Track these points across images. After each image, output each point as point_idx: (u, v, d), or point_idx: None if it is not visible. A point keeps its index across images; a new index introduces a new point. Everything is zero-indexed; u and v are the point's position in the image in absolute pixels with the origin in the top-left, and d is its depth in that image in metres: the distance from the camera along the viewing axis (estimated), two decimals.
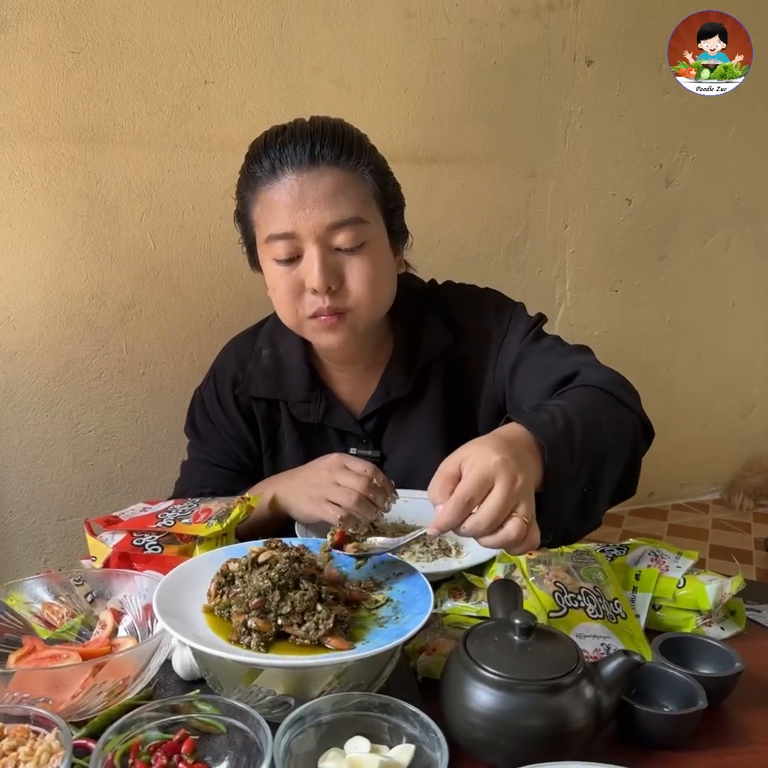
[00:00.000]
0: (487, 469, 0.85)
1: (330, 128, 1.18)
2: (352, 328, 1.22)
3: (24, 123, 1.62)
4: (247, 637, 0.81)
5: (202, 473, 1.41)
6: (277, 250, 1.18)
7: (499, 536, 0.85)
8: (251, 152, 1.22)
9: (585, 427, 1.01)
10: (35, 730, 0.74)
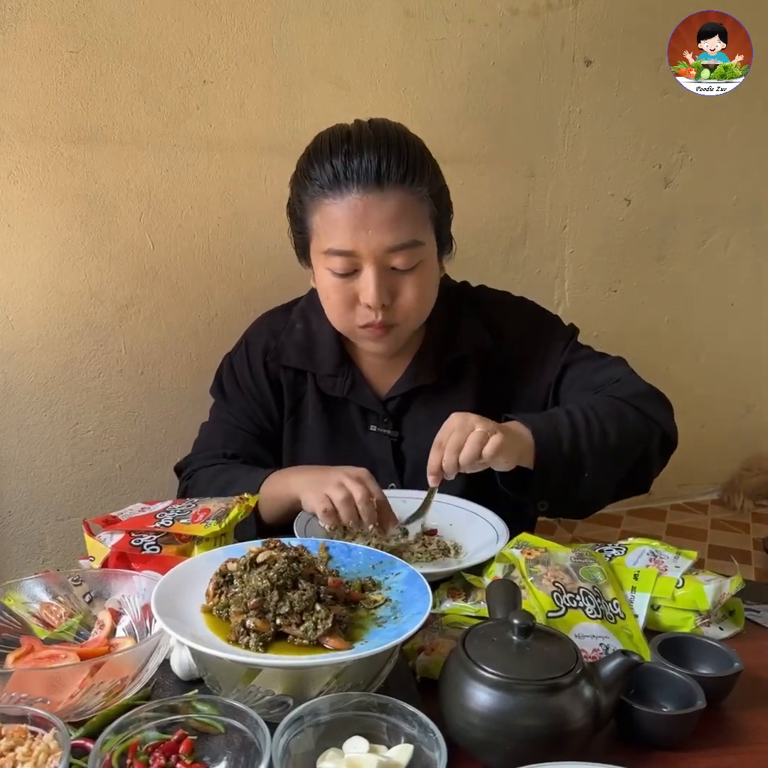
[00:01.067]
0: (449, 421, 1.15)
1: (395, 143, 1.21)
2: (398, 339, 1.31)
3: (22, 123, 1.61)
4: (245, 637, 0.81)
5: (225, 433, 1.44)
6: (334, 263, 1.22)
7: (465, 450, 1.10)
8: (314, 156, 1.23)
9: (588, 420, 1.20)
10: (33, 731, 0.74)
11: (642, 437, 1.25)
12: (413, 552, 1.22)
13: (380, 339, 1.28)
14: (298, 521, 1.24)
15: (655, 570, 1.07)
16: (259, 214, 1.82)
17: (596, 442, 1.20)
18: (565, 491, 1.22)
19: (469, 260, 2.11)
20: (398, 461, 1.41)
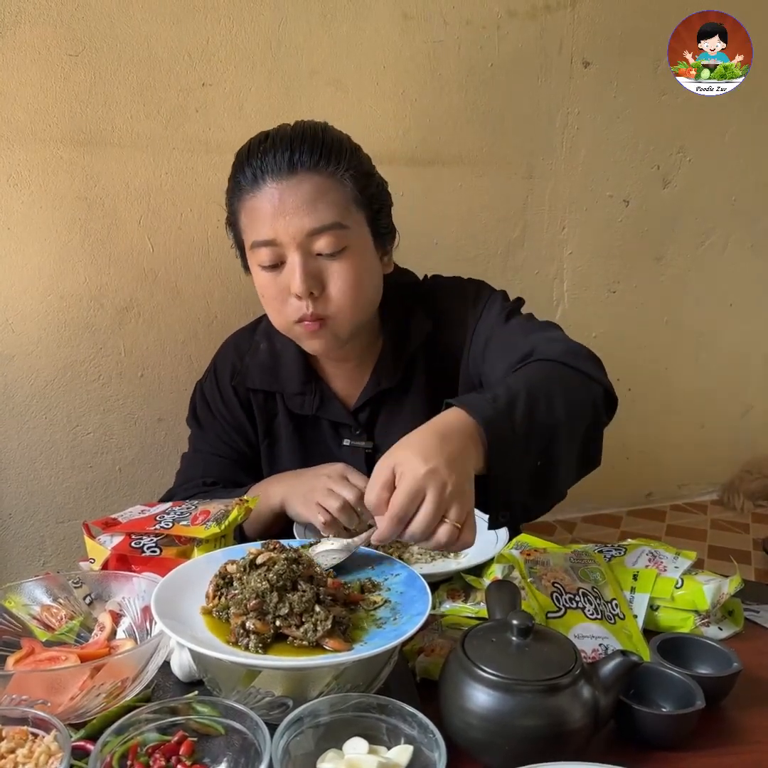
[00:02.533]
0: (416, 482, 0.88)
1: (310, 134, 1.20)
2: (335, 334, 1.25)
3: (22, 126, 1.62)
4: (245, 639, 0.81)
5: (204, 462, 1.44)
6: (261, 256, 1.21)
7: (432, 542, 0.90)
8: (236, 161, 1.25)
9: (530, 401, 1.01)
10: (34, 732, 0.74)
11: (587, 397, 1.12)
12: (413, 553, 1.22)
13: (315, 335, 1.24)
14: (297, 523, 1.24)
15: (654, 570, 1.07)
16: None
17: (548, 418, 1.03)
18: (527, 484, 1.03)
19: (468, 261, 2.12)
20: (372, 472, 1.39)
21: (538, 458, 1.01)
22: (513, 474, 0.99)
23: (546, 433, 1.02)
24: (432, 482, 0.88)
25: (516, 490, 1.01)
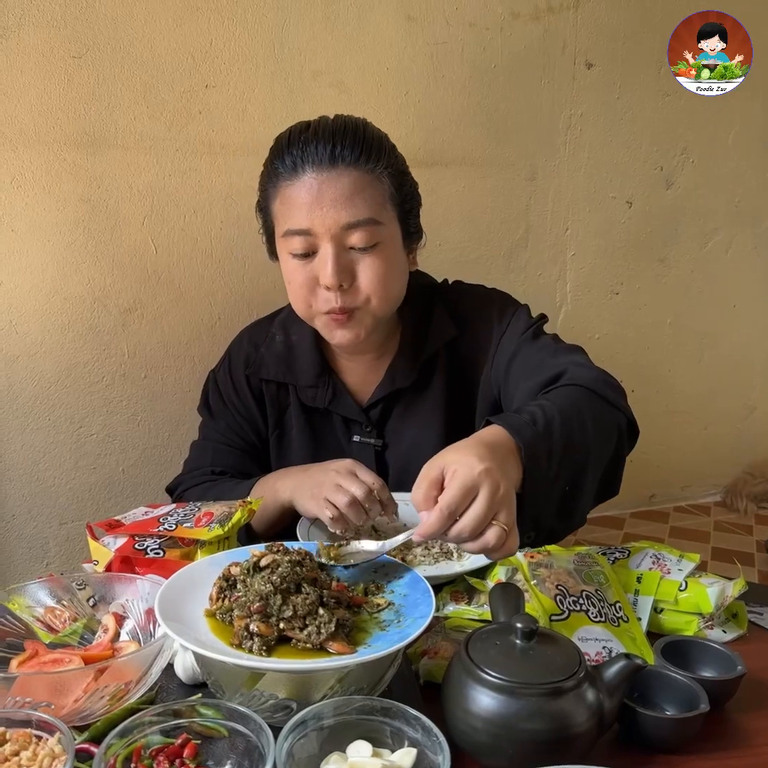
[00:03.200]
0: (471, 479, 0.87)
1: (352, 129, 1.22)
2: (362, 325, 1.27)
3: (26, 128, 1.62)
4: (249, 641, 0.81)
5: (213, 451, 1.45)
6: (293, 244, 1.23)
7: (479, 543, 0.88)
8: (275, 148, 1.26)
9: (565, 427, 1.03)
10: (38, 735, 0.74)
11: (613, 426, 1.15)
12: (416, 555, 1.22)
13: (343, 326, 1.26)
14: (301, 525, 1.24)
15: (658, 573, 1.07)
16: None
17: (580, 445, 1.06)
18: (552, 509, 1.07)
19: (471, 263, 2.12)
20: (382, 470, 1.40)
21: (568, 482, 1.04)
22: (543, 496, 1.00)
23: (577, 459, 1.05)
24: (486, 481, 0.87)
25: (545, 512, 1.02)
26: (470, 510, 0.87)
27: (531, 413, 1.03)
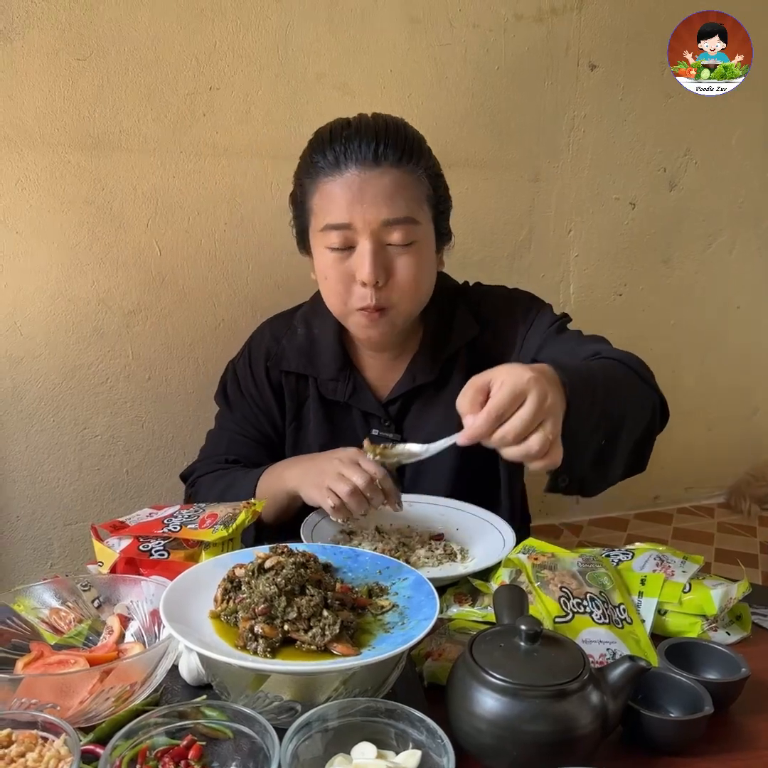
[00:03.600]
0: (521, 384, 0.88)
1: (393, 129, 1.26)
2: (392, 324, 1.30)
3: (30, 130, 1.63)
4: (253, 643, 0.81)
5: (228, 440, 1.46)
6: (331, 238, 1.25)
7: (522, 447, 0.88)
8: (316, 142, 1.28)
9: (606, 383, 1.07)
10: (43, 736, 0.74)
11: (648, 399, 1.19)
12: (419, 557, 1.22)
13: (375, 323, 1.28)
14: (305, 527, 1.24)
15: (662, 575, 1.07)
16: (265, 219, 1.83)
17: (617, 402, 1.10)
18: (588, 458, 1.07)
19: (475, 264, 2.12)
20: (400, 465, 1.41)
21: (604, 435, 1.06)
22: (582, 439, 0.99)
23: (614, 416, 1.07)
24: (536, 387, 0.88)
25: (580, 456, 1.01)
26: (517, 413, 0.87)
27: (575, 365, 1.10)
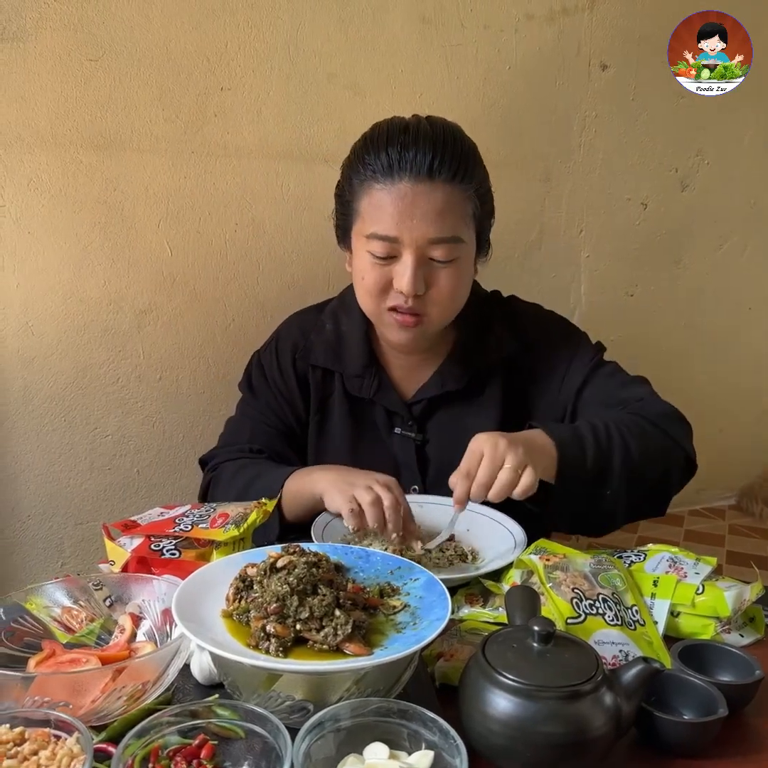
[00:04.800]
0: (476, 445, 1.11)
1: (451, 141, 1.24)
2: (424, 332, 1.31)
3: (42, 130, 1.63)
4: (265, 642, 0.81)
5: (251, 428, 1.46)
6: (375, 247, 1.25)
7: (495, 487, 1.08)
8: (371, 142, 1.26)
9: (608, 441, 1.18)
10: (56, 734, 0.74)
11: (664, 457, 1.25)
12: (431, 558, 1.22)
13: (406, 328, 1.29)
14: (315, 526, 1.24)
15: (674, 576, 1.06)
16: (276, 220, 1.83)
17: (619, 458, 1.19)
18: (584, 508, 1.21)
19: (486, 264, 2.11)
20: (421, 464, 1.42)
21: (604, 489, 1.17)
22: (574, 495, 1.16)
23: (613, 477, 1.17)
24: (488, 442, 1.09)
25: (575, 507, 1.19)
26: (479, 466, 1.09)
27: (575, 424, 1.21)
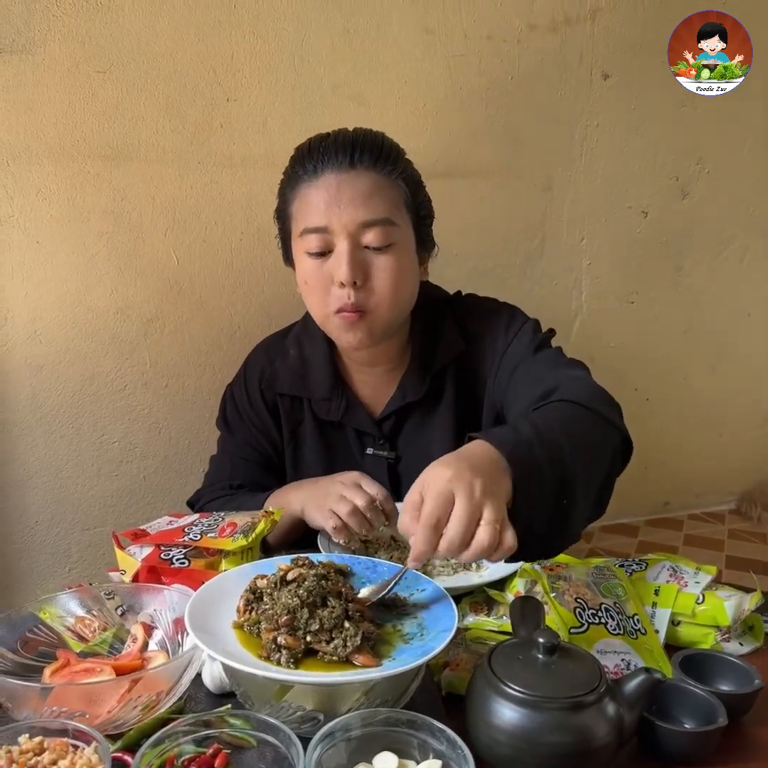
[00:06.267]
0: (443, 485, 0.86)
1: (371, 137, 1.29)
2: (370, 328, 1.30)
3: (51, 141, 1.65)
4: (277, 654, 0.83)
5: (231, 465, 1.48)
6: (310, 243, 1.26)
7: (473, 548, 0.85)
8: (296, 155, 1.32)
9: (553, 439, 0.99)
10: (74, 744, 0.77)
11: (607, 443, 1.10)
12: (435, 566, 1.23)
13: (353, 327, 1.28)
14: (322, 536, 1.26)
15: (675, 586, 1.08)
16: None
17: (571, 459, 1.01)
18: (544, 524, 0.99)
19: (487, 272, 2.14)
20: (394, 482, 1.42)
21: (559, 496, 0.98)
22: (535, 507, 0.95)
23: (566, 473, 0.99)
24: (458, 484, 0.85)
25: (537, 524, 0.96)
26: (452, 518, 0.84)
27: (515, 426, 1.01)
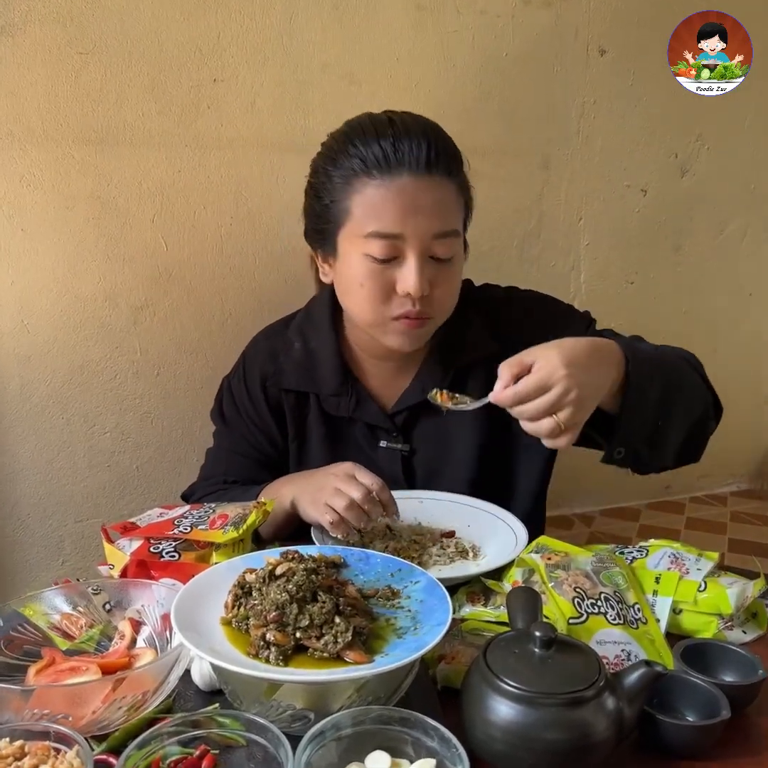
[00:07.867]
0: (549, 378, 1.00)
1: (439, 132, 1.23)
2: (427, 334, 1.29)
3: (33, 126, 1.61)
4: (265, 651, 0.81)
5: (227, 461, 1.43)
6: (375, 247, 1.18)
7: (533, 426, 1.03)
8: (356, 136, 1.20)
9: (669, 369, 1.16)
10: (56, 747, 0.74)
11: (703, 394, 1.25)
12: (431, 555, 1.21)
13: (412, 333, 1.24)
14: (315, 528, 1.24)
15: (676, 573, 1.06)
16: (272, 213, 1.81)
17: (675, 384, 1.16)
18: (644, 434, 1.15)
19: (484, 254, 2.10)
20: (408, 475, 1.39)
21: (660, 416, 1.13)
22: (639, 415, 1.11)
23: (674, 400, 1.14)
24: (561, 383, 0.99)
25: (637, 431, 1.12)
26: (537, 400, 1.01)
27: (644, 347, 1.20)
